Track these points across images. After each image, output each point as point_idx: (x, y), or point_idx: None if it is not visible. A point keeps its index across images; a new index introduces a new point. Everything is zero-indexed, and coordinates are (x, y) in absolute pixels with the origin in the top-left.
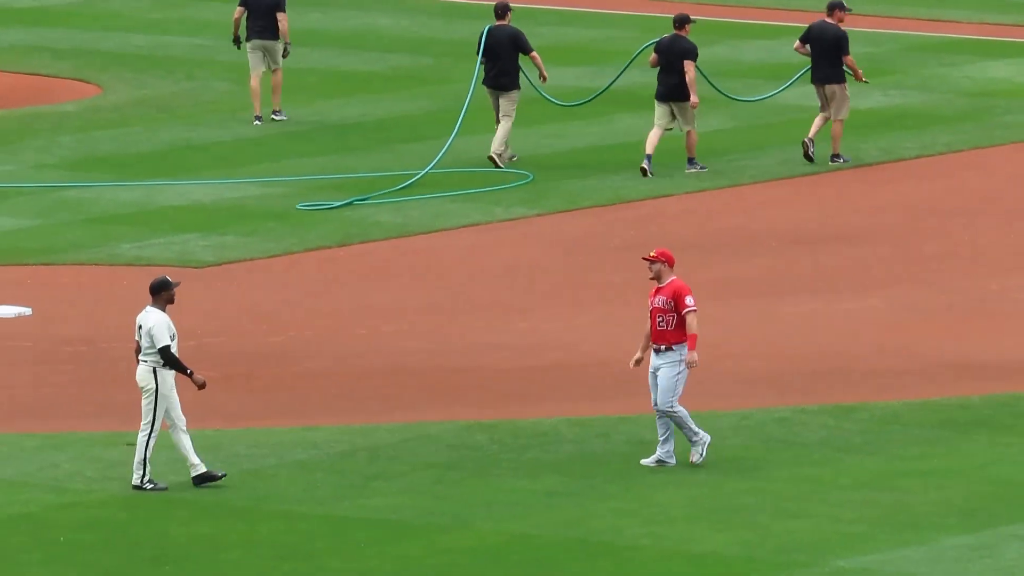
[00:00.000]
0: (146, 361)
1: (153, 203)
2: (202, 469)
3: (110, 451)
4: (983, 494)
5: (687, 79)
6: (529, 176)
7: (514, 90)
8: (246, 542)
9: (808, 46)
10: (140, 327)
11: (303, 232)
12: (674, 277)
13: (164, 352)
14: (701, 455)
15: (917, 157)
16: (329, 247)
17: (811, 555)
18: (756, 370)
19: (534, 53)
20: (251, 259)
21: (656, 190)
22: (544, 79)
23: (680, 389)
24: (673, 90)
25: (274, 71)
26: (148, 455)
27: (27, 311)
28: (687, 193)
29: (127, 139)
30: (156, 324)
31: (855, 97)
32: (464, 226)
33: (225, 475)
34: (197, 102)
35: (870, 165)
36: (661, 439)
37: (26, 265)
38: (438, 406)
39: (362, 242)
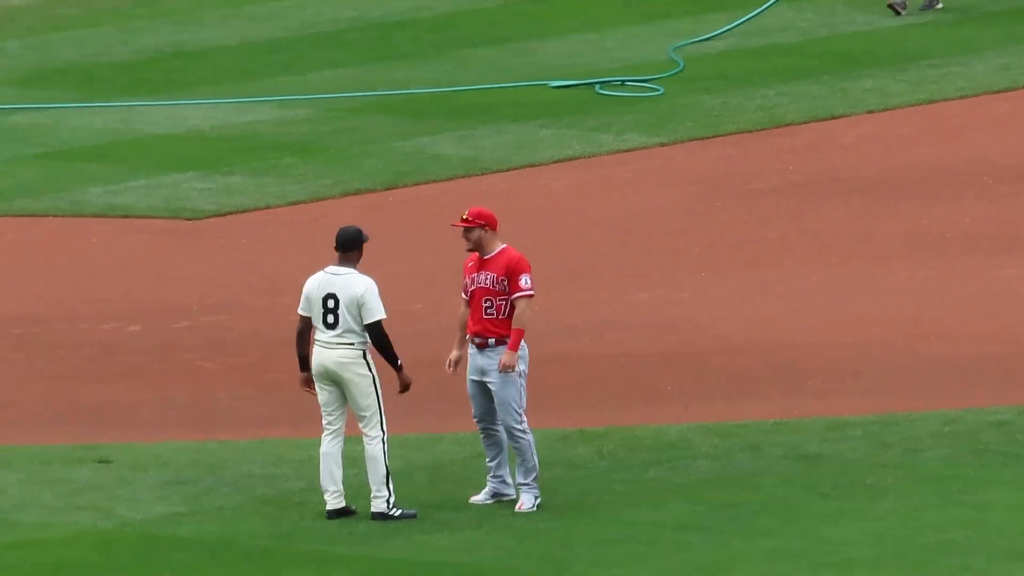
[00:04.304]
0: (351, 344)
1: (131, 131)
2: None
3: (73, 470)
4: None
5: None
6: (658, 89)
7: None
8: None
9: None
10: (330, 296)
11: (337, 170)
12: (504, 245)
13: (379, 330)
14: (532, 505)
15: None
16: (373, 190)
17: None
18: (966, 356)
19: None
20: (266, 207)
21: (824, 108)
22: None
23: (524, 399)
24: None
25: None
26: (390, 468)
27: None
28: (868, 113)
29: (95, 44)
30: (370, 290)
31: None
32: (558, 160)
33: (357, 511)
34: None
35: None
36: (492, 463)
37: None
38: None
39: (417, 183)
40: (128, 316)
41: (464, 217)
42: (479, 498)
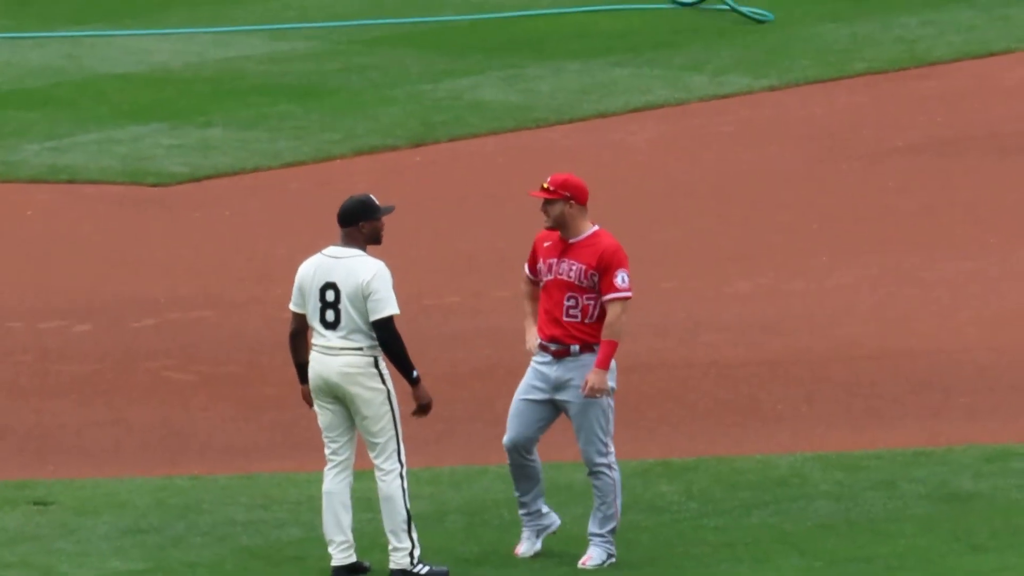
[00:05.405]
0: (359, 348)
1: (79, 70)
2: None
3: (1, 515)
4: None
5: None
6: (768, 16)
7: None
8: None
9: None
10: (329, 286)
11: (348, 121)
12: (596, 228)
13: (390, 329)
14: (602, 563)
15: None
16: (395, 148)
17: None
18: None
19: None
20: (254, 170)
21: (980, 42)
22: None
23: (612, 425)
24: None
25: None
26: (410, 509)
27: None
28: None
29: None
30: (379, 277)
31: None
32: (636, 109)
33: (370, 567)
34: None
35: None
36: (525, 497)
37: None
38: None
39: (453, 138)
40: (75, 312)
41: (544, 185)
42: (524, 548)
